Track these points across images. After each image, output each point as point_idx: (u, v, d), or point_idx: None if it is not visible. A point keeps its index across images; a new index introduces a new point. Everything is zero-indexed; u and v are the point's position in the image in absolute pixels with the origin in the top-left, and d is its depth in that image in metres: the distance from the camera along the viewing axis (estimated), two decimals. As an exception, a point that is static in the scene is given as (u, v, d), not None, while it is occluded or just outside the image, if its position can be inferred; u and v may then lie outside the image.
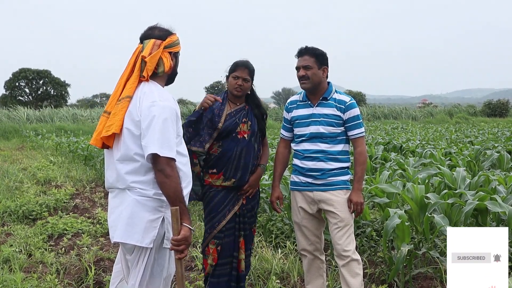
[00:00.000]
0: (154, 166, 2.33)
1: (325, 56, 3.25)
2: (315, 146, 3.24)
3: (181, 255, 2.36)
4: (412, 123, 31.54)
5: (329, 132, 3.22)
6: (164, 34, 2.50)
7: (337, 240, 3.21)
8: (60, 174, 9.65)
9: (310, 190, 3.29)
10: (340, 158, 3.26)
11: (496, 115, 38.99)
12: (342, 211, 3.22)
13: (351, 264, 3.19)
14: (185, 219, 2.35)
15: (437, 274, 3.98)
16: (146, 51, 2.43)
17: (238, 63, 3.36)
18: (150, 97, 2.37)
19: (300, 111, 3.33)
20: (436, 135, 16.70)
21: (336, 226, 3.23)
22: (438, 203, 4.08)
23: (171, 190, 2.31)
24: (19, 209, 6.29)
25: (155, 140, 2.29)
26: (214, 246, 3.35)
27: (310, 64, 3.19)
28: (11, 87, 45.75)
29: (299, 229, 3.41)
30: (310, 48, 3.23)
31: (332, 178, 3.24)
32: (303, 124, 3.30)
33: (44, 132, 21.63)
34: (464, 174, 5.32)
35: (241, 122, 3.35)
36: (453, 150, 9.53)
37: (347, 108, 3.23)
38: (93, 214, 6.42)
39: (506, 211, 3.77)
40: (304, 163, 3.28)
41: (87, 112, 30.76)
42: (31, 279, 3.92)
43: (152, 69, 2.45)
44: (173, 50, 2.53)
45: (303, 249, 3.42)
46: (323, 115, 3.23)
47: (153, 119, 2.31)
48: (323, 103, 3.26)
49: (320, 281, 3.44)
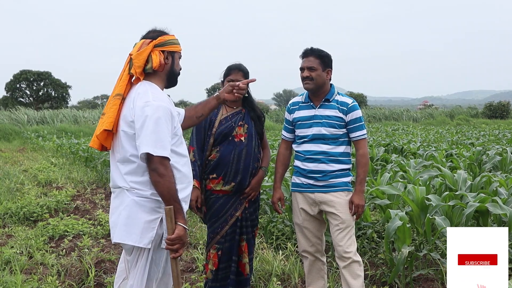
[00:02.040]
0: (148, 165, 2.33)
1: (330, 58, 3.26)
2: (316, 147, 3.24)
3: (175, 254, 2.37)
4: (413, 125, 31.53)
5: (331, 133, 3.22)
6: (156, 35, 2.52)
7: (338, 242, 3.21)
8: (61, 175, 9.66)
9: (311, 191, 3.29)
10: (342, 160, 3.26)
11: (497, 116, 38.97)
12: (343, 213, 3.22)
13: (352, 265, 3.19)
14: (180, 218, 2.35)
15: (438, 276, 3.97)
16: (134, 50, 2.46)
17: (231, 67, 3.39)
18: (143, 98, 2.37)
19: (302, 113, 3.33)
20: (437, 137, 16.70)
21: (337, 227, 3.22)
22: (439, 205, 4.08)
23: (165, 189, 2.31)
24: (20, 211, 6.29)
25: (148, 140, 2.30)
26: (215, 251, 3.36)
27: (315, 66, 3.20)
28: (12, 89, 45.83)
29: (300, 231, 3.41)
30: (316, 50, 3.24)
31: (333, 180, 3.23)
32: (305, 126, 3.30)
33: (45, 134, 21.66)
34: (465, 176, 5.32)
35: (237, 126, 3.36)
36: (454, 151, 9.52)
37: (350, 110, 3.23)
38: (94, 216, 6.42)
39: (507, 213, 3.76)
40: (306, 164, 3.28)
41: (87, 113, 30.79)
42: (32, 281, 3.92)
43: (140, 66, 2.44)
44: (167, 49, 2.51)
45: (304, 250, 3.42)
46: (325, 117, 3.24)
47: (146, 119, 2.31)
48: (325, 104, 3.27)
49: (321, 283, 3.43)
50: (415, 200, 4.27)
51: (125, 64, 2.51)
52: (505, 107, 40.46)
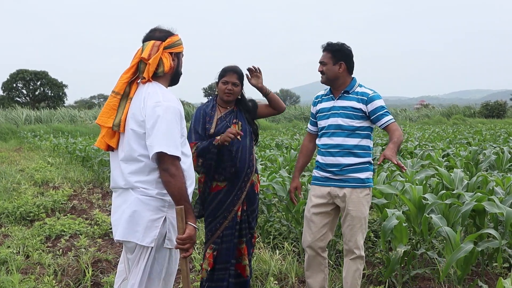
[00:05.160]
0: (159, 165, 2.34)
1: (343, 52, 3.31)
2: (332, 140, 3.30)
3: (186, 253, 2.37)
4: (409, 124, 31.60)
5: (347, 124, 3.26)
6: (164, 35, 2.51)
7: (348, 237, 3.30)
8: (57, 175, 9.63)
9: (327, 185, 3.34)
10: (358, 153, 3.27)
11: (493, 116, 39.04)
12: (356, 210, 3.26)
13: (357, 260, 3.31)
14: (190, 218, 2.36)
15: (435, 275, 3.98)
16: (145, 53, 2.44)
17: (226, 68, 3.44)
18: (154, 98, 2.38)
19: (323, 104, 3.42)
20: (434, 136, 16.73)
21: (348, 223, 3.29)
22: (436, 203, 4.09)
23: (176, 189, 2.32)
24: (17, 211, 6.28)
25: (160, 139, 2.30)
26: (211, 251, 3.37)
27: (325, 60, 3.31)
28: (8, 88, 45.69)
29: (307, 223, 3.44)
30: (330, 44, 3.33)
31: (350, 175, 3.26)
32: (324, 117, 3.38)
33: (41, 133, 21.61)
34: (461, 175, 5.33)
35: (231, 124, 3.41)
36: (451, 151, 9.54)
37: (370, 100, 3.25)
38: (91, 215, 6.41)
39: (504, 212, 3.77)
40: (324, 158, 3.34)
41: (84, 113, 30.71)
42: (29, 281, 3.91)
43: (153, 70, 2.46)
44: (174, 51, 2.53)
45: (307, 245, 3.42)
46: (342, 108, 3.29)
47: (157, 119, 2.32)
48: (344, 96, 3.32)
49: (321, 276, 3.45)
50: (412, 199, 4.28)
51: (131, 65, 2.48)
52: (502, 106, 40.53)
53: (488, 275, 4.00)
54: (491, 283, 3.79)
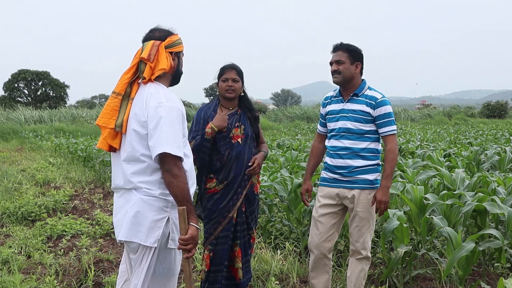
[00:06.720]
0: (162, 166, 2.34)
1: (359, 53, 3.29)
2: (340, 143, 3.29)
3: (188, 254, 2.38)
4: (411, 124, 31.57)
5: (356, 128, 3.25)
6: (163, 35, 2.51)
7: (355, 238, 3.30)
8: (59, 175, 9.64)
9: (336, 186, 3.33)
10: (367, 156, 3.26)
11: (495, 116, 39.01)
12: (364, 211, 3.26)
13: (363, 260, 3.32)
14: (192, 219, 2.36)
15: (436, 275, 3.98)
16: (145, 53, 2.44)
17: (225, 66, 3.43)
18: (156, 98, 2.38)
19: (332, 106, 3.40)
20: (435, 136, 16.71)
21: (356, 224, 3.29)
22: (437, 203, 4.08)
23: (178, 190, 2.32)
24: (18, 211, 6.28)
25: (163, 140, 2.30)
26: (208, 252, 3.37)
27: (343, 59, 3.25)
28: (10, 89, 45.72)
29: (314, 224, 3.43)
30: (345, 44, 3.30)
31: (359, 176, 3.26)
32: (333, 119, 3.36)
33: (43, 133, 21.62)
34: (463, 175, 5.33)
35: (234, 127, 3.38)
36: (452, 151, 9.53)
37: (378, 105, 3.23)
38: (92, 215, 6.41)
39: (505, 212, 3.77)
40: (333, 160, 3.34)
41: (86, 112, 30.71)
42: (30, 281, 3.91)
43: (161, 70, 2.46)
44: (174, 50, 2.53)
45: (314, 246, 3.41)
46: (351, 111, 3.27)
47: (160, 120, 2.32)
48: (354, 99, 3.30)
49: (325, 277, 3.44)
50: (413, 200, 4.28)
51: (132, 65, 2.48)
52: (503, 106, 40.51)
53: (490, 275, 4.00)
54: (493, 283, 3.79)
